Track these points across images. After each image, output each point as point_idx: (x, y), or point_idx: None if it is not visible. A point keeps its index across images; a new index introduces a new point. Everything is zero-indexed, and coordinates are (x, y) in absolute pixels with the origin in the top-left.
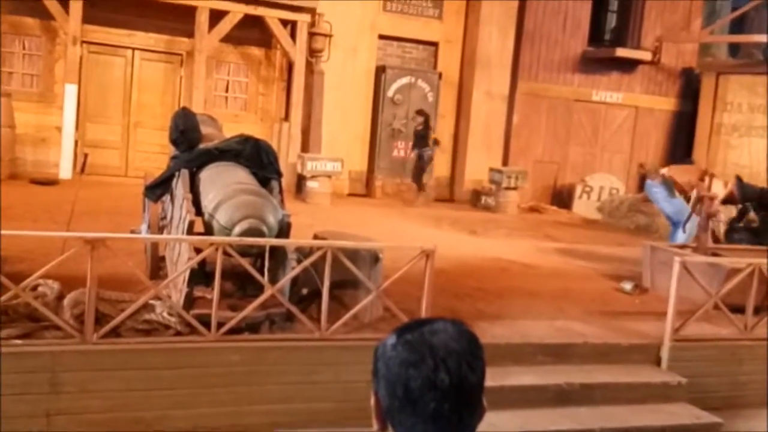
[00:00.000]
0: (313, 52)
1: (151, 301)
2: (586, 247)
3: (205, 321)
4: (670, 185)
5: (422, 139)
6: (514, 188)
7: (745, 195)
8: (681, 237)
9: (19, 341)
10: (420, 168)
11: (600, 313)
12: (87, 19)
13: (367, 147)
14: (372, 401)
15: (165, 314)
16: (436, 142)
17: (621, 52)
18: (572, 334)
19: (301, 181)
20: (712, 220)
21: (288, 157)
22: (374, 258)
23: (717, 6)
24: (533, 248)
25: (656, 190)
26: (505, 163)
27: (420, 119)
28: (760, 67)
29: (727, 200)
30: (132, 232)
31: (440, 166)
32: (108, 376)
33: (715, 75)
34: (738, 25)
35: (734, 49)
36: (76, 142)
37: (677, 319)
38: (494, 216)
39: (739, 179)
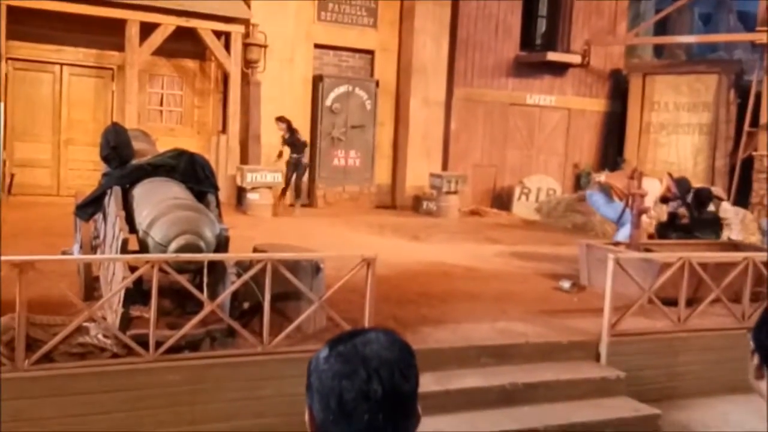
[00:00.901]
0: (248, 63)
1: (86, 324)
2: (526, 247)
3: (142, 341)
4: (606, 190)
5: (292, 145)
6: (455, 192)
7: (682, 189)
8: (621, 236)
9: None
10: (300, 175)
11: (540, 312)
12: (12, 34)
13: (307, 156)
14: (306, 416)
15: (100, 336)
16: (305, 144)
17: (552, 56)
18: (514, 334)
19: (241, 193)
20: (644, 216)
21: (227, 169)
22: (315, 268)
23: (641, 9)
24: (474, 251)
25: (595, 198)
26: (444, 168)
27: (282, 125)
28: (684, 66)
29: (665, 198)
30: (64, 252)
31: (381, 173)
32: (42, 403)
33: (642, 76)
34: (662, 27)
35: (659, 50)
36: (3, 162)
37: (614, 314)
38: (436, 221)
39: (671, 176)
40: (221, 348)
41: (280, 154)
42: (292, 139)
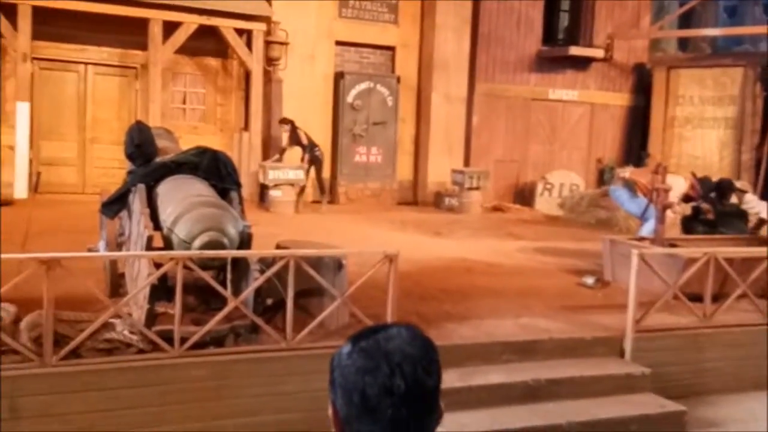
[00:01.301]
0: (270, 61)
1: (112, 320)
2: (549, 243)
3: (168, 337)
4: (630, 186)
5: (299, 145)
6: (477, 188)
7: (705, 189)
8: (645, 231)
9: None
10: (318, 170)
11: (564, 308)
12: (37, 35)
13: (329, 153)
14: (330, 411)
15: (126, 332)
16: (312, 143)
17: (574, 50)
18: (537, 330)
19: (263, 190)
20: (668, 211)
21: (249, 166)
22: (338, 265)
23: (665, 2)
24: (497, 247)
25: (619, 194)
26: (466, 164)
27: (286, 127)
28: (709, 60)
29: (688, 197)
30: (89, 250)
31: (403, 169)
32: (69, 398)
33: (666, 69)
34: (686, 20)
35: (683, 43)
36: (30, 161)
37: (638, 310)
38: (458, 217)
39: (694, 176)
40: (245, 344)
41: (282, 152)
42: (296, 139)
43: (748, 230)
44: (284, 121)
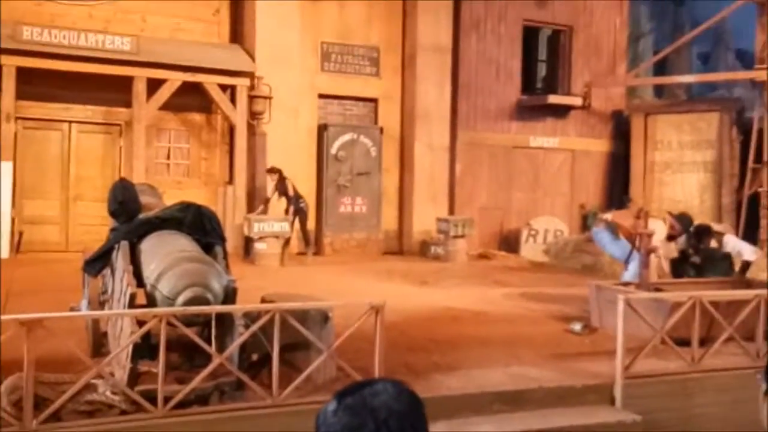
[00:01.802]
0: (254, 115)
1: (94, 381)
2: (535, 290)
3: (151, 396)
4: (612, 228)
5: (285, 195)
6: (462, 236)
7: (684, 225)
8: (629, 275)
9: None
10: (303, 222)
11: (552, 355)
12: (21, 94)
13: (313, 204)
14: None
15: (108, 393)
16: (297, 195)
17: (553, 98)
18: (527, 379)
19: (248, 243)
20: (653, 255)
21: (234, 219)
22: (324, 318)
23: (640, 49)
24: (484, 295)
25: (601, 236)
26: (451, 212)
27: (273, 176)
28: (685, 105)
29: (671, 236)
30: (72, 309)
31: (388, 219)
32: None
33: (644, 115)
34: (661, 68)
35: (659, 90)
36: (12, 220)
37: (627, 356)
38: (444, 265)
39: (671, 214)
40: (230, 401)
41: (267, 202)
42: (283, 189)
43: (735, 273)
44: (272, 170)
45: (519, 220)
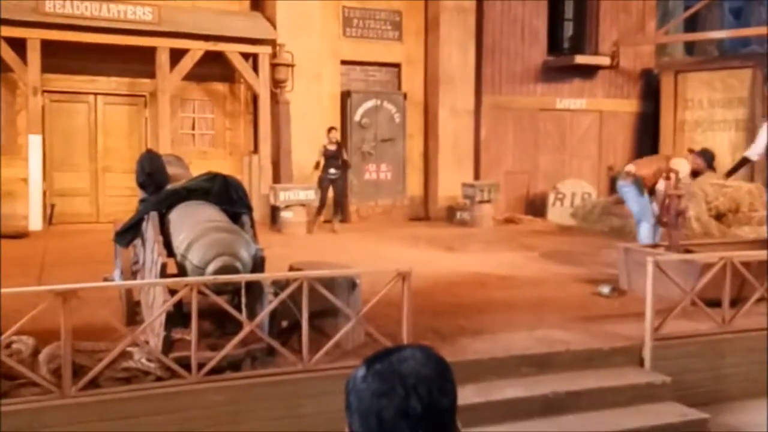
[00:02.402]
0: (276, 83)
1: (129, 348)
2: (562, 253)
3: (185, 363)
4: (639, 184)
5: (334, 158)
6: (488, 201)
7: (707, 159)
8: (645, 234)
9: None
10: (344, 189)
11: (580, 318)
12: (46, 68)
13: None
14: None
15: (144, 360)
16: (347, 163)
17: (580, 59)
18: (554, 342)
19: (274, 212)
20: (681, 216)
21: (260, 189)
22: (351, 284)
23: (670, 6)
24: (510, 259)
25: (626, 190)
26: (476, 177)
27: (335, 135)
28: (716, 62)
29: (695, 172)
30: (105, 279)
31: (413, 185)
32: (90, 428)
33: (674, 74)
34: (691, 24)
35: (690, 47)
36: (44, 193)
37: (656, 318)
38: (470, 230)
39: (692, 151)
40: (262, 367)
41: (318, 165)
42: (338, 153)
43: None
44: (334, 129)
45: (545, 184)
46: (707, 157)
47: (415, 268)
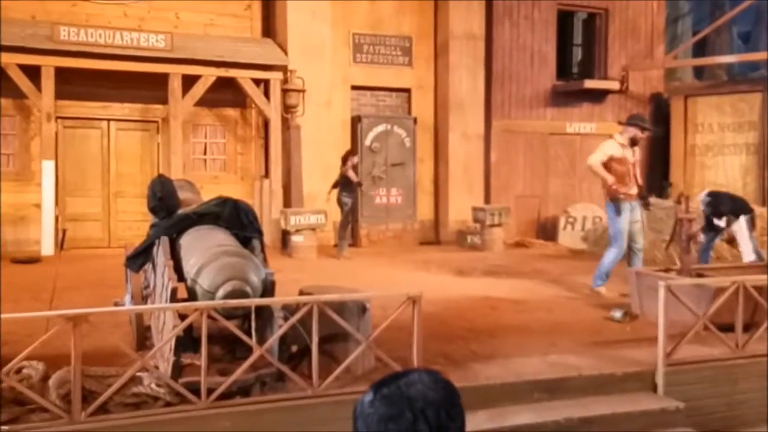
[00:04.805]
0: (287, 108)
1: (139, 374)
2: (574, 277)
3: (194, 388)
4: (617, 203)
5: (349, 184)
6: (499, 225)
7: (638, 122)
8: (608, 260)
9: (5, 427)
10: (354, 213)
11: (592, 343)
12: (60, 94)
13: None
14: None
15: (153, 385)
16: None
17: (589, 83)
18: (566, 367)
19: (285, 236)
20: (692, 242)
21: (271, 213)
22: (361, 309)
23: (679, 31)
24: (521, 283)
25: (608, 208)
26: (487, 201)
27: (355, 160)
28: (726, 86)
29: (634, 141)
30: (116, 303)
31: (424, 209)
32: None
33: (683, 98)
34: (700, 48)
35: (699, 71)
36: (56, 218)
37: (668, 343)
38: (481, 254)
39: (620, 123)
40: (272, 392)
41: (336, 185)
42: (347, 177)
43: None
44: (354, 153)
45: (556, 208)
46: (637, 121)
47: (425, 292)
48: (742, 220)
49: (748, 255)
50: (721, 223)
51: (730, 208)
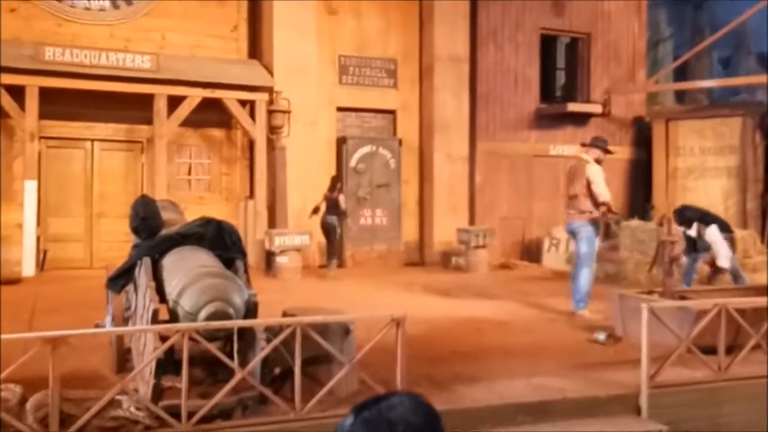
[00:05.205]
0: (273, 129)
1: (118, 397)
2: (558, 299)
3: (175, 412)
4: (597, 225)
5: (336, 207)
6: (483, 246)
7: (599, 145)
8: (586, 281)
9: None
10: (341, 235)
11: (576, 366)
12: (44, 114)
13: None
14: None
15: (132, 409)
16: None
17: (572, 106)
18: (551, 390)
19: (270, 257)
20: (675, 264)
21: (255, 234)
22: (345, 330)
23: (660, 55)
24: (506, 305)
25: (584, 229)
26: (471, 222)
27: (339, 186)
28: (707, 111)
29: (598, 161)
30: (96, 325)
31: (408, 230)
32: None
33: (665, 122)
34: (681, 73)
35: (680, 95)
36: (38, 238)
37: (652, 365)
38: (465, 276)
39: (583, 145)
40: (253, 416)
41: (316, 211)
42: (337, 201)
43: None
44: (339, 178)
45: (540, 230)
46: (600, 143)
47: (410, 313)
48: (713, 227)
49: (724, 260)
50: (691, 232)
51: (698, 216)
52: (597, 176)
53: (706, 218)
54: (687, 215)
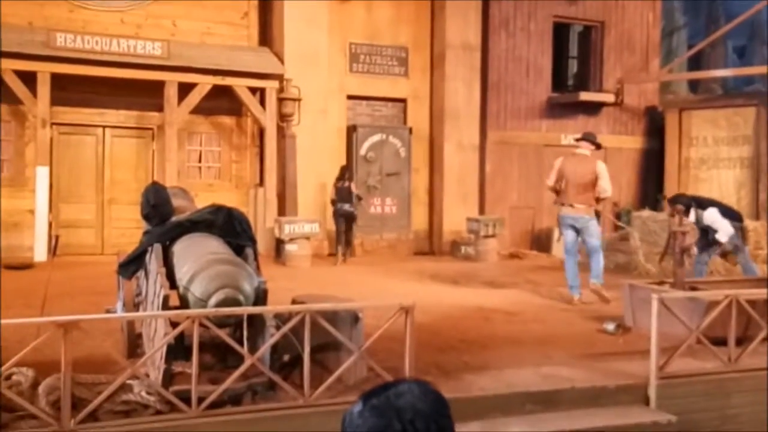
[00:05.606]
0: (283, 117)
1: (129, 381)
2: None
3: (185, 397)
4: (599, 217)
5: (349, 195)
6: (493, 236)
7: (590, 139)
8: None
9: None
10: (352, 224)
11: (585, 356)
12: (55, 100)
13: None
14: None
15: (143, 393)
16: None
17: (584, 96)
18: (559, 379)
19: (279, 245)
20: (686, 254)
21: (265, 221)
22: (354, 318)
23: (674, 44)
24: (515, 294)
25: (592, 224)
26: (481, 211)
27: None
28: (720, 100)
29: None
30: (107, 311)
31: (418, 219)
32: None
33: (678, 111)
34: (695, 62)
35: (694, 85)
36: (49, 224)
37: (661, 356)
38: (475, 265)
39: (578, 140)
40: (263, 401)
41: (334, 203)
42: (348, 189)
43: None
44: (348, 167)
45: (550, 219)
46: (592, 138)
47: (419, 302)
48: (712, 209)
49: (723, 235)
50: (690, 217)
51: (687, 201)
52: (606, 172)
53: (700, 203)
54: (680, 202)
